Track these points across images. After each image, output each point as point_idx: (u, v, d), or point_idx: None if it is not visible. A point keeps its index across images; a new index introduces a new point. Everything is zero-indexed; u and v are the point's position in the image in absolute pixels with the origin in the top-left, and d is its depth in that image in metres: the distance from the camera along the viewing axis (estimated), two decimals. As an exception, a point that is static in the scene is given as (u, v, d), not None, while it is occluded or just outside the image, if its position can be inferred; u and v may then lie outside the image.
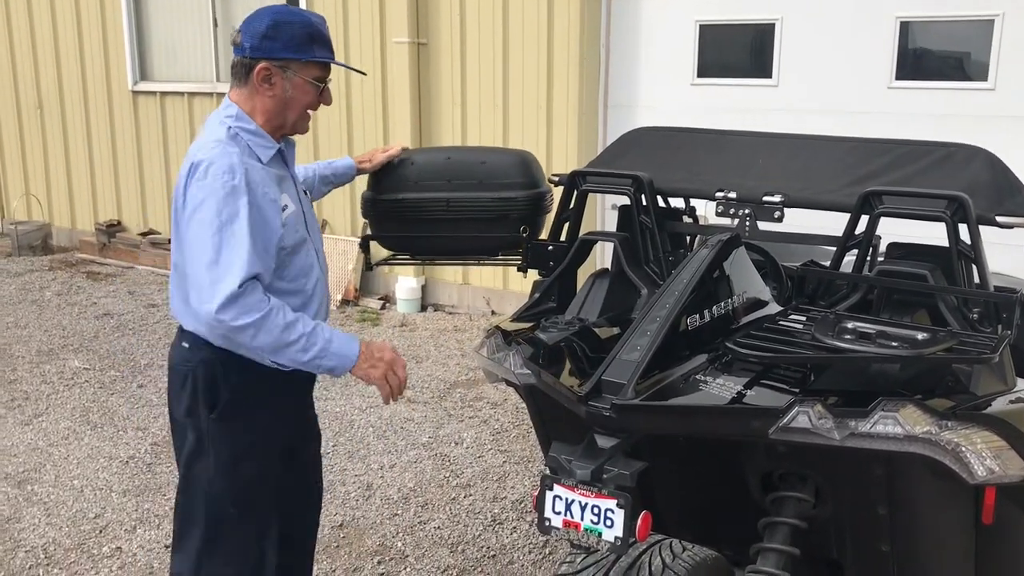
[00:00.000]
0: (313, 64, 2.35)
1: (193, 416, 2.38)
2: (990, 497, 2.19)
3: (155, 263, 8.32)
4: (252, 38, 2.28)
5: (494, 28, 6.49)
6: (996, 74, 5.22)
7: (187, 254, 2.21)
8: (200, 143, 2.28)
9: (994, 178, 2.49)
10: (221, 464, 2.38)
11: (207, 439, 2.37)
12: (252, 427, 2.41)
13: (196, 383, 2.35)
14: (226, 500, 2.40)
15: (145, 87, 8.39)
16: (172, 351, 2.45)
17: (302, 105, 2.37)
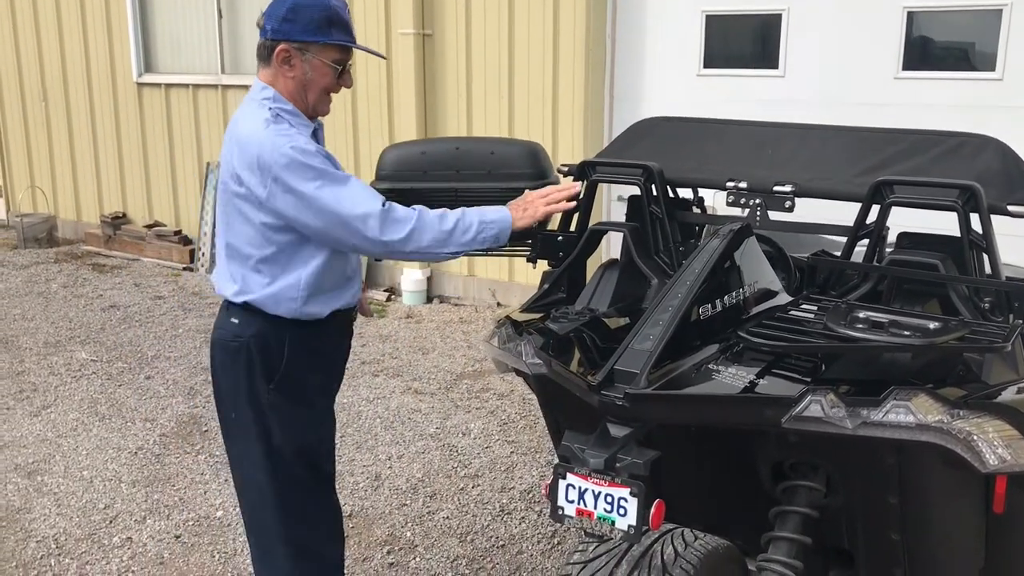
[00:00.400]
0: (331, 47, 2.42)
1: (250, 389, 2.48)
2: (1001, 486, 2.19)
3: (160, 255, 8.33)
4: (273, 20, 2.40)
5: (500, 19, 6.48)
6: (1004, 64, 5.20)
7: (316, 215, 2.33)
8: (248, 127, 2.39)
9: (1005, 167, 2.48)
10: (284, 430, 2.50)
11: (267, 409, 2.48)
12: (307, 391, 2.54)
13: (251, 356, 2.46)
14: (294, 463, 2.53)
15: (150, 79, 8.39)
16: (217, 330, 2.55)
17: (320, 87, 2.46)
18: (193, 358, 5.78)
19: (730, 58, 6.08)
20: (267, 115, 2.38)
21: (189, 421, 4.81)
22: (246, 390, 2.50)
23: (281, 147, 2.31)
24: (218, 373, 2.57)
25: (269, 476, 2.54)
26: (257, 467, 2.55)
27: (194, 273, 8.04)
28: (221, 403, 2.61)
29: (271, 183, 2.33)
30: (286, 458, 2.54)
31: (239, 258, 2.47)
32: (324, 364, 2.61)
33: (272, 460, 2.53)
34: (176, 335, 6.27)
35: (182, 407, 4.99)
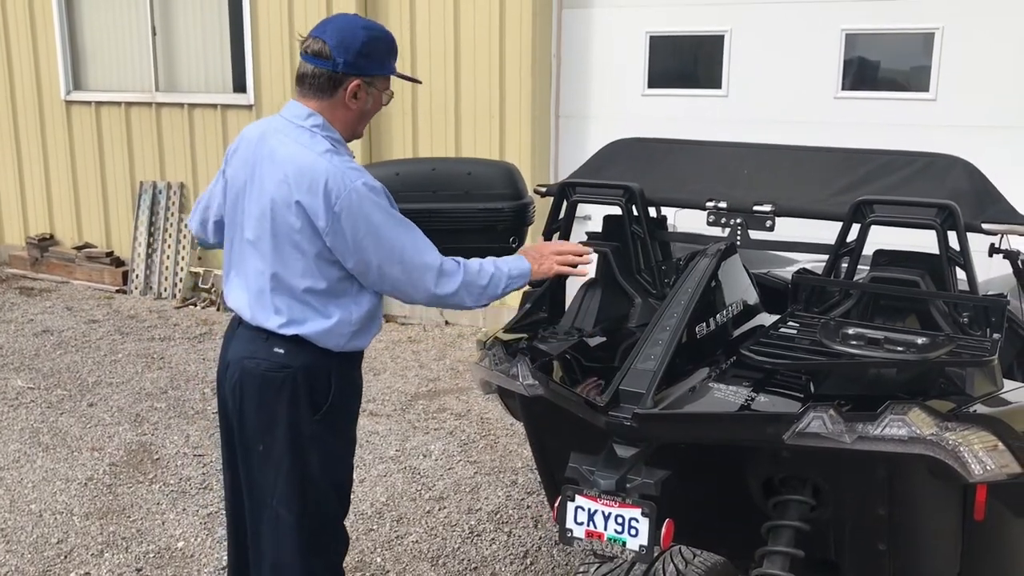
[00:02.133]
0: (386, 77, 2.47)
1: (292, 420, 2.45)
2: (981, 494, 2.27)
3: (91, 278, 8.08)
4: (347, 54, 2.33)
5: (445, 37, 6.48)
6: (937, 85, 5.42)
7: (375, 255, 2.36)
8: (302, 155, 2.34)
9: (974, 186, 2.58)
10: (324, 462, 2.50)
11: (307, 441, 2.47)
12: (344, 423, 2.57)
13: (297, 388, 2.43)
14: (327, 496, 2.54)
15: (79, 96, 8.14)
16: (254, 359, 2.48)
17: (371, 115, 2.51)
18: (136, 383, 5.61)
19: (674, 78, 6.20)
20: (325, 144, 2.36)
21: (139, 449, 4.66)
22: (287, 422, 2.45)
23: (353, 180, 2.31)
24: (250, 404, 2.49)
25: (299, 510, 2.51)
26: (285, 500, 2.49)
27: (128, 296, 7.82)
28: (249, 434, 2.53)
29: (336, 213, 2.30)
30: (320, 491, 2.53)
31: (287, 289, 2.42)
32: (358, 394, 2.66)
33: (305, 493, 2.51)
34: (116, 360, 6.08)
35: (130, 435, 4.84)
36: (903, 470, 2.18)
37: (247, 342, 2.50)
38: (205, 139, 7.57)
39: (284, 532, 2.52)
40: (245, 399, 2.51)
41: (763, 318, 2.73)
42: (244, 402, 2.51)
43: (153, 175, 7.91)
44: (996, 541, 2.49)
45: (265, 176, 2.39)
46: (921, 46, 5.45)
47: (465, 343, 6.41)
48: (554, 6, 6.33)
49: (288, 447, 2.47)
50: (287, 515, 2.51)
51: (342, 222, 2.31)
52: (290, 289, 2.42)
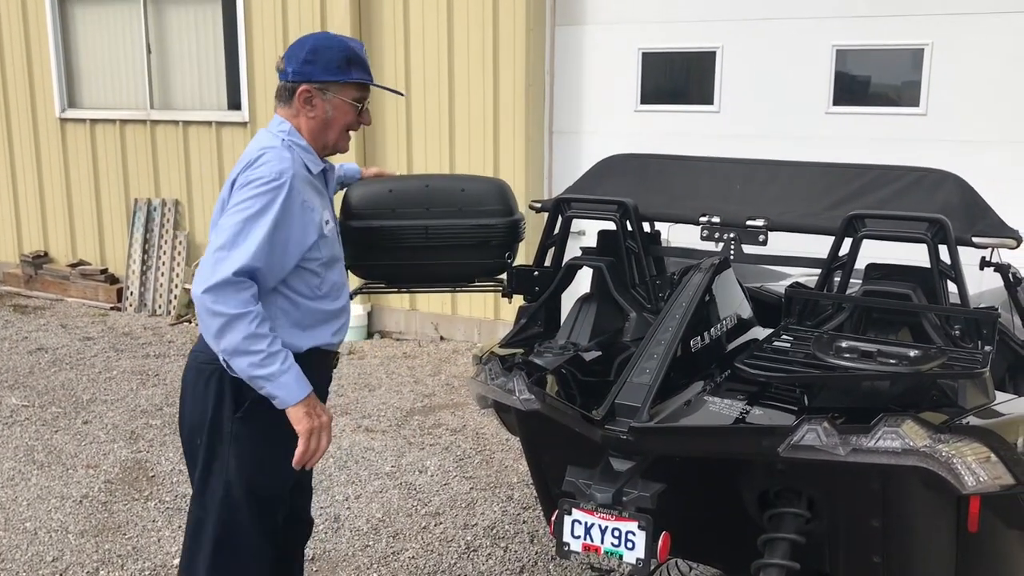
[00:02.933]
0: (351, 85, 2.46)
1: (216, 416, 2.41)
2: (975, 506, 2.28)
3: (86, 295, 8.08)
4: (294, 63, 2.43)
5: (439, 55, 6.52)
6: (927, 100, 5.46)
7: (213, 233, 2.34)
8: (256, 144, 2.42)
9: (964, 200, 2.61)
10: (242, 466, 2.41)
11: (228, 440, 2.41)
12: (270, 429, 2.41)
13: (222, 382, 2.39)
14: (243, 504, 2.43)
15: (74, 114, 8.16)
16: (195, 351, 2.48)
17: (342, 125, 2.50)
18: (131, 400, 5.61)
19: (667, 94, 6.24)
20: (279, 142, 2.42)
21: (134, 466, 4.65)
22: (211, 417, 2.42)
23: (268, 165, 2.32)
24: (187, 396, 2.49)
25: (214, 514, 2.44)
26: (203, 501, 2.46)
27: (123, 313, 7.81)
28: (184, 428, 2.52)
29: (236, 185, 2.34)
30: (234, 497, 2.43)
31: None
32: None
33: (219, 497, 2.43)
34: (111, 377, 6.08)
35: (125, 452, 4.83)
36: (897, 482, 2.20)
37: (199, 336, 2.48)
38: (200, 156, 7.58)
39: (197, 534, 2.47)
40: (184, 392, 2.50)
41: (757, 332, 2.75)
42: (184, 393, 2.51)
43: (148, 192, 7.92)
44: (990, 552, 2.50)
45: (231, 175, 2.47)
46: (911, 62, 5.50)
47: (460, 358, 6.42)
48: (547, 23, 6.38)
49: (207, 444, 2.42)
50: (203, 516, 2.45)
51: (240, 188, 2.33)
52: None
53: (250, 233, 2.26)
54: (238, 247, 2.25)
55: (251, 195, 2.29)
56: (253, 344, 2.24)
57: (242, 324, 2.23)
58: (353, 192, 2.88)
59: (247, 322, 2.23)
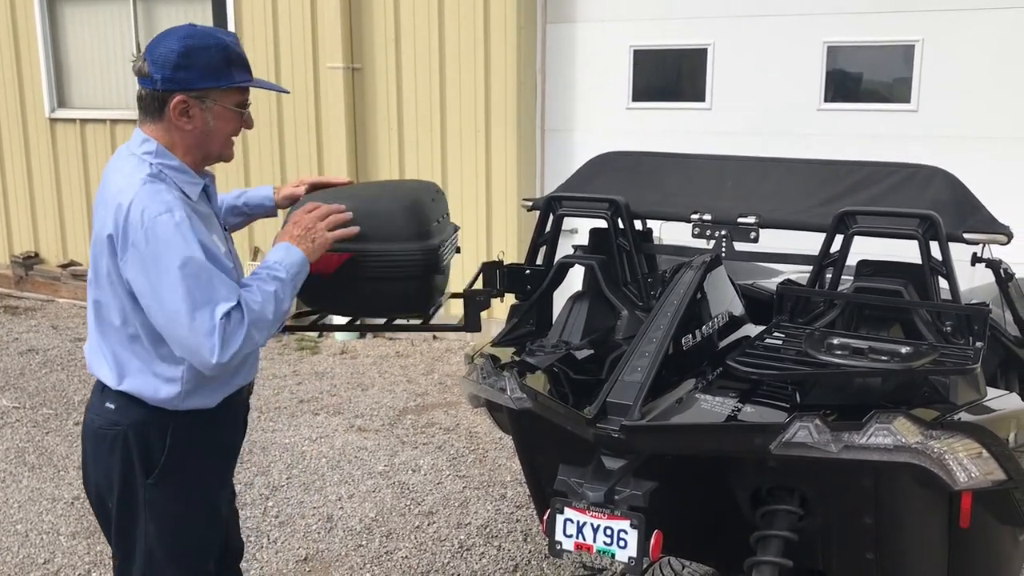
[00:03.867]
0: (233, 90, 2.15)
1: (126, 483, 2.20)
2: (967, 502, 2.29)
3: (77, 296, 8.04)
4: (163, 68, 2.05)
5: (430, 53, 6.51)
6: (918, 96, 5.47)
7: (157, 315, 2.04)
8: (122, 183, 2.07)
9: (954, 197, 2.62)
10: (161, 530, 2.23)
11: (143, 506, 2.21)
12: (189, 488, 2.26)
13: (128, 447, 2.18)
14: (168, 566, 2.26)
15: (64, 114, 8.13)
16: (90, 414, 2.26)
17: (225, 134, 2.18)
18: (123, 402, 5.58)
19: (658, 92, 6.24)
20: (146, 172, 2.07)
21: (126, 468, 4.63)
22: (120, 483, 2.20)
23: (157, 211, 2.01)
24: (89, 462, 2.28)
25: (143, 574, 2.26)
26: (127, 567, 2.28)
27: (114, 313, 7.78)
28: (91, 492, 2.32)
29: (131, 244, 2.02)
30: (158, 562, 2.24)
31: (113, 335, 2.15)
32: (213, 453, 2.32)
33: (143, 560, 2.24)
34: (102, 378, 6.05)
35: (117, 453, 4.81)
36: (889, 479, 2.20)
37: (92, 396, 2.28)
38: (191, 156, 7.55)
39: None
40: (86, 456, 2.30)
41: (749, 329, 2.74)
42: (85, 459, 2.31)
43: (138, 192, 7.88)
44: (981, 548, 2.51)
45: (97, 214, 2.15)
46: (902, 58, 5.51)
47: (453, 357, 6.41)
48: (538, 20, 6.37)
49: (122, 511, 2.23)
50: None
51: (131, 254, 2.02)
52: (116, 334, 2.15)
53: (199, 282, 2.00)
54: (202, 303, 1.99)
55: (164, 250, 1.99)
56: (268, 309, 2.07)
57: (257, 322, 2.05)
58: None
59: (254, 320, 2.04)
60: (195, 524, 2.29)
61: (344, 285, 2.31)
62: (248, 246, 7.47)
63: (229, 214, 2.56)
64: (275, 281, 2.11)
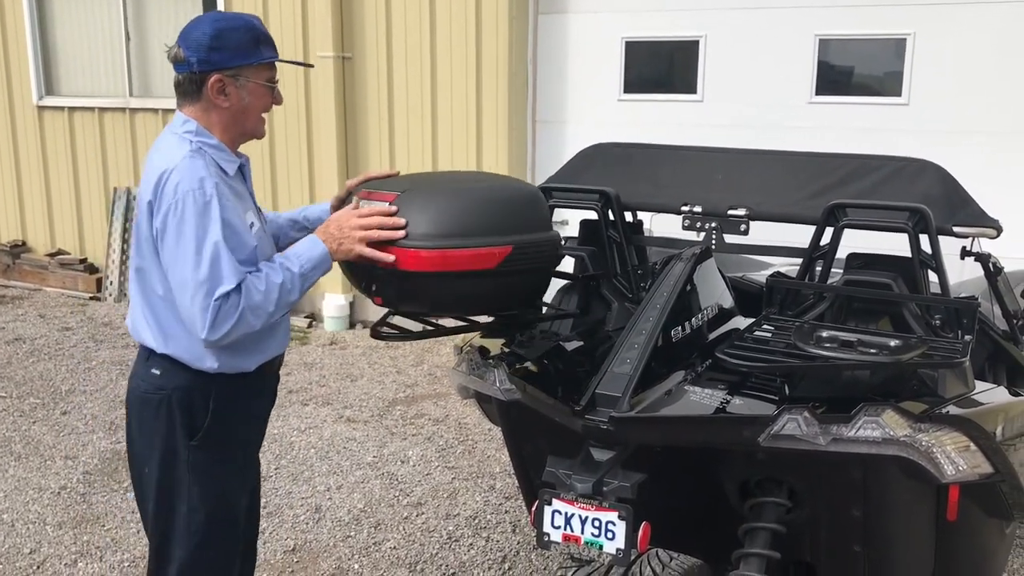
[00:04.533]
0: (264, 66, 2.28)
1: (169, 446, 2.31)
2: (954, 495, 2.29)
3: (65, 285, 8.00)
4: (198, 51, 2.20)
5: (421, 42, 6.48)
6: (909, 89, 5.48)
7: (170, 279, 2.18)
8: (165, 156, 2.21)
9: (945, 190, 2.61)
10: (204, 491, 2.34)
11: (186, 468, 2.32)
12: (231, 449, 2.40)
13: (172, 411, 2.29)
14: (209, 526, 2.36)
15: (52, 102, 8.07)
16: (136, 379, 2.37)
17: (258, 110, 2.32)
18: (111, 391, 5.56)
19: (650, 83, 6.23)
20: (188, 148, 2.21)
21: (114, 457, 4.61)
22: (162, 447, 2.32)
23: (190, 182, 2.13)
24: (133, 427, 2.39)
25: (179, 539, 2.36)
26: (164, 529, 2.37)
27: (102, 303, 7.74)
28: (134, 459, 2.42)
29: (164, 212, 2.15)
30: (199, 521, 2.36)
31: (156, 301, 2.28)
32: (250, 419, 2.46)
33: (184, 522, 2.35)
34: (90, 367, 6.02)
35: (104, 443, 4.79)
36: (877, 471, 2.20)
37: (136, 362, 2.40)
38: (180, 145, 7.50)
39: (158, 562, 2.41)
40: (130, 423, 2.40)
41: (738, 321, 2.74)
42: (130, 424, 2.41)
43: (127, 181, 7.85)
44: (969, 541, 2.51)
45: (140, 186, 2.28)
46: (893, 51, 5.51)
47: (443, 348, 6.41)
48: (530, 11, 6.35)
49: (164, 474, 2.33)
50: (161, 544, 2.39)
51: (159, 220, 2.16)
52: (158, 301, 2.27)
53: (209, 261, 2.11)
54: (207, 280, 2.10)
55: (192, 223, 2.12)
56: (270, 297, 2.15)
57: (251, 305, 2.13)
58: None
59: (249, 303, 2.12)
60: (234, 485, 2.43)
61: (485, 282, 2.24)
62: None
63: (292, 229, 2.66)
64: (285, 272, 2.19)
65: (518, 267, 2.25)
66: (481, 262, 2.19)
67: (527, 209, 2.32)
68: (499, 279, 2.24)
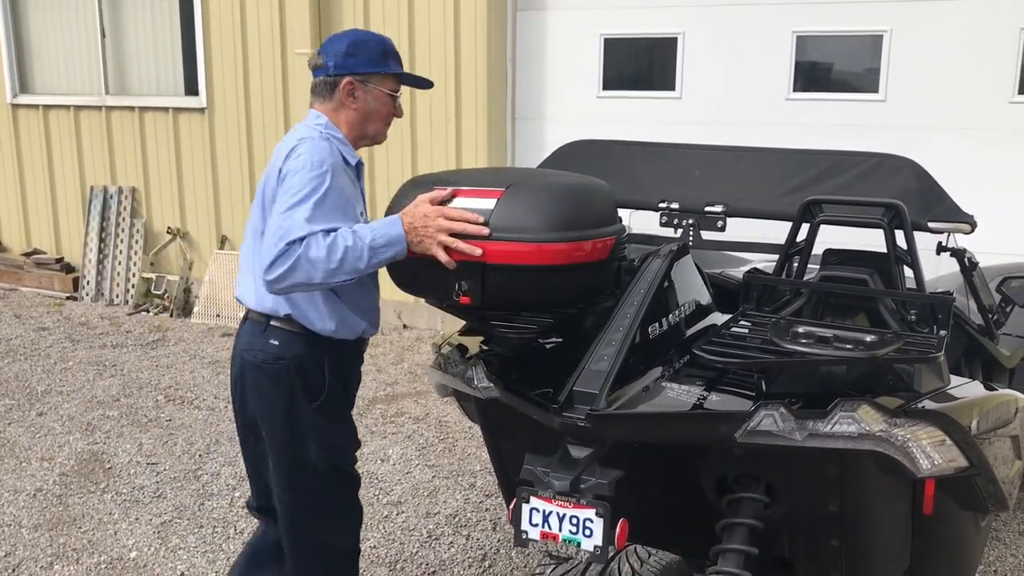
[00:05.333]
0: (390, 76, 2.56)
1: (291, 409, 2.52)
2: (930, 488, 2.30)
3: (41, 284, 7.93)
4: (335, 57, 2.51)
5: (400, 40, 6.45)
6: (886, 86, 5.51)
7: (270, 213, 2.37)
8: (296, 135, 2.47)
9: (920, 187, 2.63)
10: (321, 448, 2.55)
11: (310, 430, 2.53)
12: (346, 407, 2.64)
13: (291, 378, 2.50)
14: (330, 476, 2.59)
15: (26, 100, 7.99)
16: (252, 351, 2.54)
17: (382, 116, 2.58)
18: (87, 391, 5.51)
19: (629, 80, 6.23)
20: (316, 134, 2.47)
21: (91, 458, 4.57)
22: (284, 411, 2.52)
23: (311, 151, 2.37)
24: (249, 395, 2.58)
25: (303, 493, 2.59)
26: (290, 486, 2.58)
27: (79, 302, 7.68)
28: (251, 426, 2.63)
29: (283, 175, 2.38)
30: (321, 473, 2.59)
31: None
32: (352, 382, 2.69)
33: (307, 477, 2.58)
34: (66, 368, 5.97)
35: (81, 444, 4.75)
36: (853, 466, 2.21)
37: (248, 335, 2.58)
38: (157, 142, 7.46)
39: (295, 513, 2.62)
40: (246, 391, 2.58)
41: (716, 317, 2.75)
42: (245, 393, 2.59)
43: (104, 179, 7.78)
44: (945, 534, 2.53)
45: (273, 162, 2.49)
46: (870, 48, 5.54)
47: (423, 346, 6.39)
48: (508, 8, 6.34)
49: (291, 436, 2.53)
50: (293, 499, 2.59)
51: (284, 180, 2.36)
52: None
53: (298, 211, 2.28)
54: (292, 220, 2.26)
55: (301, 181, 2.32)
56: (333, 256, 2.23)
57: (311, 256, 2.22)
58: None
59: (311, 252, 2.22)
60: (348, 437, 2.66)
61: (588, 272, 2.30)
62: (216, 233, 7.40)
63: None
64: (357, 239, 2.27)
65: (617, 256, 2.39)
66: (598, 253, 2.29)
67: (610, 201, 2.45)
68: (606, 269, 2.36)
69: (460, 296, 2.29)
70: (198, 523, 3.94)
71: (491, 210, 2.23)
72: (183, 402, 5.38)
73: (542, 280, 2.25)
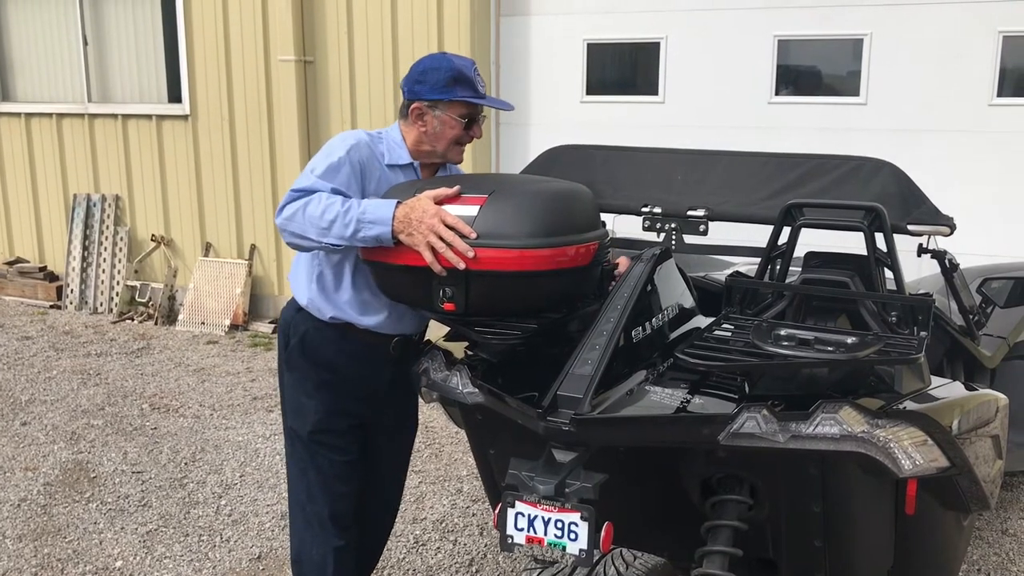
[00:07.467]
0: (457, 103, 2.64)
1: (278, 363, 2.86)
2: (912, 489, 2.32)
3: (24, 293, 7.88)
4: (408, 83, 2.70)
5: (383, 46, 6.46)
6: (867, 89, 5.55)
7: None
8: None
9: (900, 189, 2.65)
10: (289, 410, 2.82)
11: (286, 390, 2.83)
12: (307, 382, 2.74)
13: (279, 332, 2.83)
14: (308, 445, 2.77)
15: (8, 108, 7.95)
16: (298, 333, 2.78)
17: (448, 139, 2.67)
18: (72, 400, 5.49)
19: (612, 85, 6.26)
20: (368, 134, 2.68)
21: (75, 468, 4.55)
22: (277, 364, 2.89)
23: (339, 137, 2.61)
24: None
25: (287, 449, 2.86)
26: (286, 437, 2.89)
27: (63, 311, 7.64)
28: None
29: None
30: (301, 437, 2.78)
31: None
32: (327, 367, 2.74)
33: (288, 436, 2.85)
34: (50, 377, 5.94)
35: (65, 453, 4.72)
36: (836, 467, 2.23)
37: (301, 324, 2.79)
38: (140, 150, 7.43)
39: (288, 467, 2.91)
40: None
41: (699, 321, 2.76)
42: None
43: (87, 187, 7.75)
44: (927, 534, 2.55)
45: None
46: (851, 52, 5.58)
47: (409, 352, 6.38)
48: (492, 13, 6.35)
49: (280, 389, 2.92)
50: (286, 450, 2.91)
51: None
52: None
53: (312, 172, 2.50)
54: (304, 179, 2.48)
55: (323, 151, 2.57)
56: (328, 215, 2.38)
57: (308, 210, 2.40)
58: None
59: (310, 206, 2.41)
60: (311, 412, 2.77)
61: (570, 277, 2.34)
62: (200, 241, 7.38)
63: None
64: (349, 207, 2.39)
65: (600, 261, 2.44)
66: (582, 258, 2.34)
67: (593, 207, 2.50)
68: (589, 274, 2.41)
69: (444, 302, 2.30)
70: (184, 532, 3.93)
71: (474, 217, 2.25)
72: (168, 410, 5.36)
73: (526, 286, 2.28)
